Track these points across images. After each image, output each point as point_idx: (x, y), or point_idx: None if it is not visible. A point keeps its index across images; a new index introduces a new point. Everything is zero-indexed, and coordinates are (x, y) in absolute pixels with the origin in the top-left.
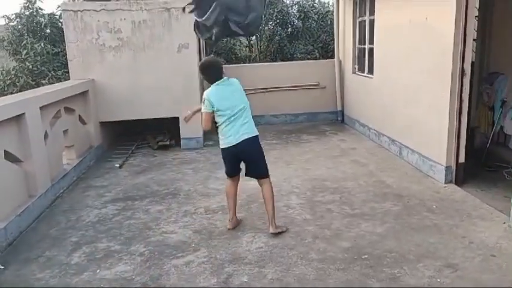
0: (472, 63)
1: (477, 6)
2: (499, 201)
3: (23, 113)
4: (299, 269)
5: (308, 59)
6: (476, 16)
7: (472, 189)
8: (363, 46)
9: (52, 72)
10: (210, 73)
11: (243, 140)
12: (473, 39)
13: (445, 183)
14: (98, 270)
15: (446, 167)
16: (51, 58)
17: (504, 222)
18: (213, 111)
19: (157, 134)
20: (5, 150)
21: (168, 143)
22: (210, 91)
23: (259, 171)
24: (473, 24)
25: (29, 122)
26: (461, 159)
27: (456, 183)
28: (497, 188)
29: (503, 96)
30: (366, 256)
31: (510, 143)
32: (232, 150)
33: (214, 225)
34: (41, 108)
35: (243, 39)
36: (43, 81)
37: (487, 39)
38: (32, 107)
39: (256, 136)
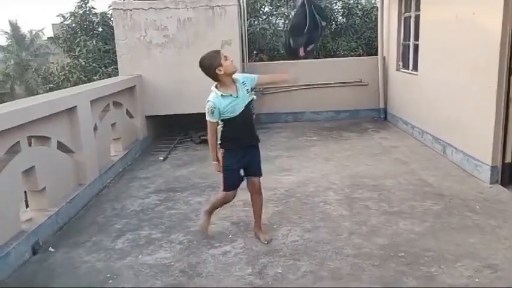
0: None
1: None
2: None
3: (75, 106)
4: (333, 263)
5: (351, 56)
6: None
7: None
8: (407, 42)
9: (103, 69)
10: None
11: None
12: None
13: (491, 183)
14: (140, 256)
15: (492, 166)
16: (102, 55)
17: None
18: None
19: (200, 129)
20: (58, 141)
21: None
22: None
23: None
24: None
25: (80, 114)
26: (508, 159)
27: (502, 184)
28: None
29: None
30: (403, 254)
31: None
32: None
33: (252, 218)
34: (91, 102)
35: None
36: (94, 77)
37: None
38: (84, 101)
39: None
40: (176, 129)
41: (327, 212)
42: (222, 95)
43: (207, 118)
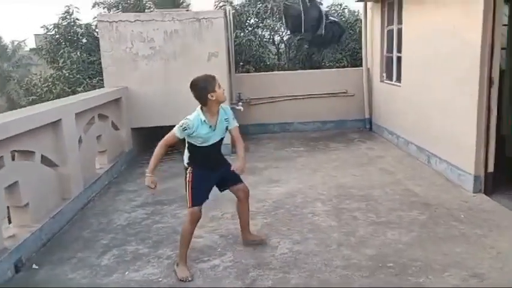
0: (502, 72)
1: (506, 13)
2: None
3: (60, 119)
4: (323, 275)
5: (337, 67)
6: (505, 24)
7: (502, 199)
8: (390, 55)
9: (87, 80)
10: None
11: None
12: (502, 48)
13: (474, 192)
14: (126, 272)
15: (475, 176)
16: (86, 67)
17: None
18: None
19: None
20: (42, 155)
21: None
22: None
23: None
24: (501, 32)
25: (64, 127)
26: (491, 168)
27: (485, 193)
28: None
29: None
30: (391, 264)
31: None
32: None
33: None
34: (76, 114)
35: (272, 48)
36: (78, 89)
37: None
38: (68, 114)
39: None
40: None
41: (316, 223)
42: (204, 120)
43: (174, 130)
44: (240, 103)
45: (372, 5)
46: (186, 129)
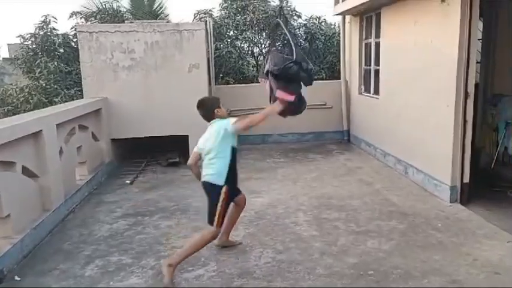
0: (477, 85)
1: (480, 28)
2: (503, 220)
3: (41, 130)
4: (306, 284)
5: (315, 79)
6: (479, 39)
7: (477, 208)
8: (368, 67)
9: (65, 91)
10: (200, 113)
11: (203, 181)
12: (477, 62)
13: (450, 202)
14: (110, 283)
15: (451, 186)
16: (64, 77)
17: (508, 241)
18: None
19: (167, 151)
20: (22, 166)
21: (177, 160)
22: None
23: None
24: (476, 47)
25: (46, 138)
26: (466, 179)
27: (461, 203)
28: (502, 207)
29: (508, 117)
30: (372, 272)
31: None
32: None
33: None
34: (57, 125)
35: (251, 60)
36: (56, 99)
37: (491, 62)
38: (49, 124)
39: (209, 183)
40: (143, 152)
41: (298, 233)
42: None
43: None
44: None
45: (350, 19)
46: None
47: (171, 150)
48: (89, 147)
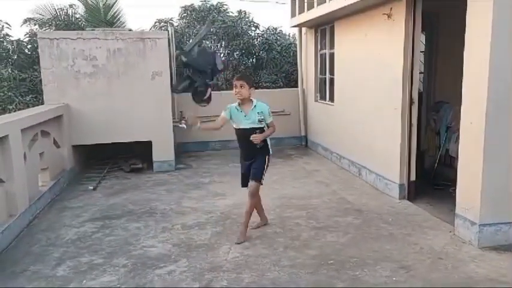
0: (421, 94)
1: (423, 41)
2: (445, 214)
3: (7, 135)
4: (273, 274)
5: (273, 87)
6: (422, 51)
7: (423, 204)
8: (324, 76)
9: (19, 98)
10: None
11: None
12: (421, 72)
13: (399, 199)
14: (84, 281)
15: (399, 184)
16: (18, 84)
17: (450, 232)
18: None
19: (129, 157)
20: None
21: (140, 166)
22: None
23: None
24: (419, 58)
25: (12, 143)
26: (413, 178)
27: (409, 199)
28: (444, 203)
29: (448, 122)
30: (332, 262)
31: (455, 164)
32: None
33: (192, 239)
34: (21, 130)
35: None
36: (10, 107)
37: (433, 72)
38: (15, 129)
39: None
40: (105, 159)
41: (263, 230)
42: (236, 107)
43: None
44: (183, 121)
45: (306, 30)
46: (226, 110)
47: (134, 156)
48: (51, 153)
